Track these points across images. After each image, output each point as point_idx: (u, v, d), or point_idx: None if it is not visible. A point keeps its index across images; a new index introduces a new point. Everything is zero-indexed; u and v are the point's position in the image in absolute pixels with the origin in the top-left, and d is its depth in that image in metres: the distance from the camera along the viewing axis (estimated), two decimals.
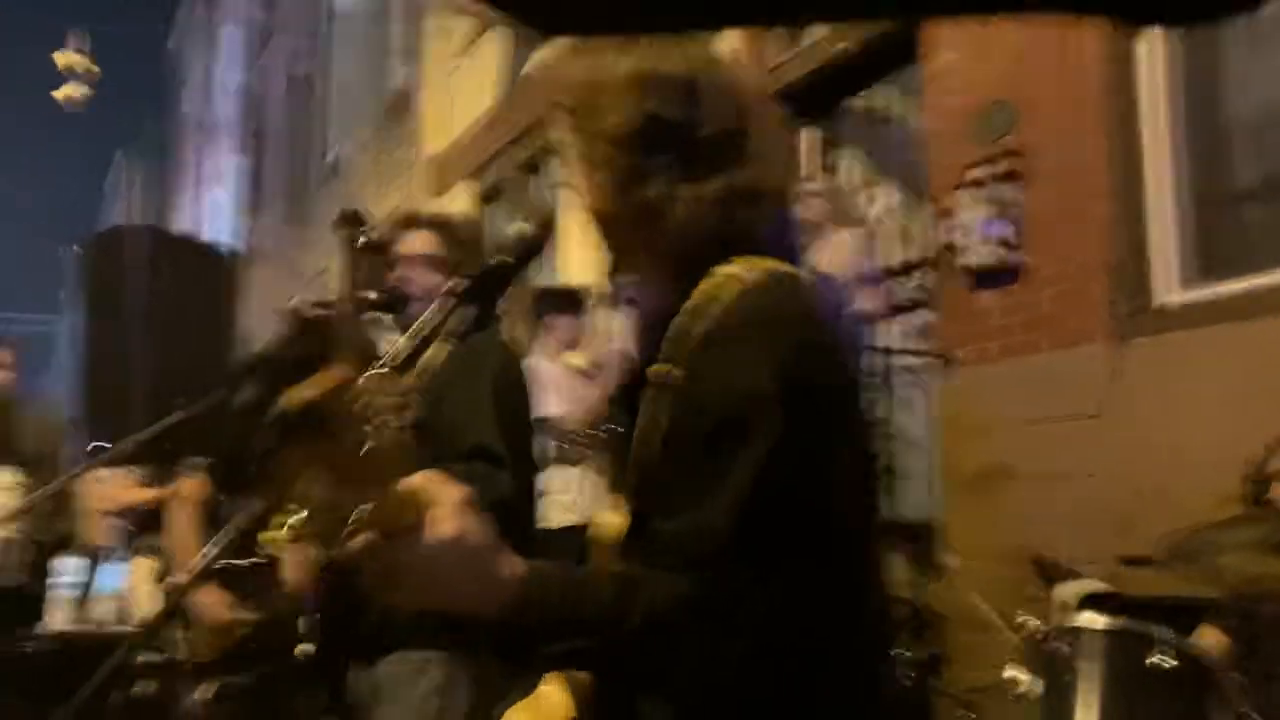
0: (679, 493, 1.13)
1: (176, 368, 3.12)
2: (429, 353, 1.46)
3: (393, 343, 1.35)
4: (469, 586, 1.02)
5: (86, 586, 9.33)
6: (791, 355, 1.15)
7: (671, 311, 1.24)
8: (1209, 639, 2.78)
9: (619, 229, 1.32)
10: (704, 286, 1.23)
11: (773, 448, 1.10)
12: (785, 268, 1.26)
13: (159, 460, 2.85)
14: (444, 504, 1.01)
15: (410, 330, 1.37)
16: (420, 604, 1.02)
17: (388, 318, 2.38)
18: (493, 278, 1.36)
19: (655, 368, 1.23)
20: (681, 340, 1.20)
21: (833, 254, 4.96)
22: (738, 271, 1.23)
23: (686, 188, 1.26)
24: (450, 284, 1.38)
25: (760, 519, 1.09)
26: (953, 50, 4.83)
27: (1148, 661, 2.18)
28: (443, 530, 0.99)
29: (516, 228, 1.40)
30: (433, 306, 1.39)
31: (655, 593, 1.08)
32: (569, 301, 5.18)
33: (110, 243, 3.54)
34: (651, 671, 1.09)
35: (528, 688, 1.30)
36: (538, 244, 1.41)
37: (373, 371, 1.12)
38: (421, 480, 1.00)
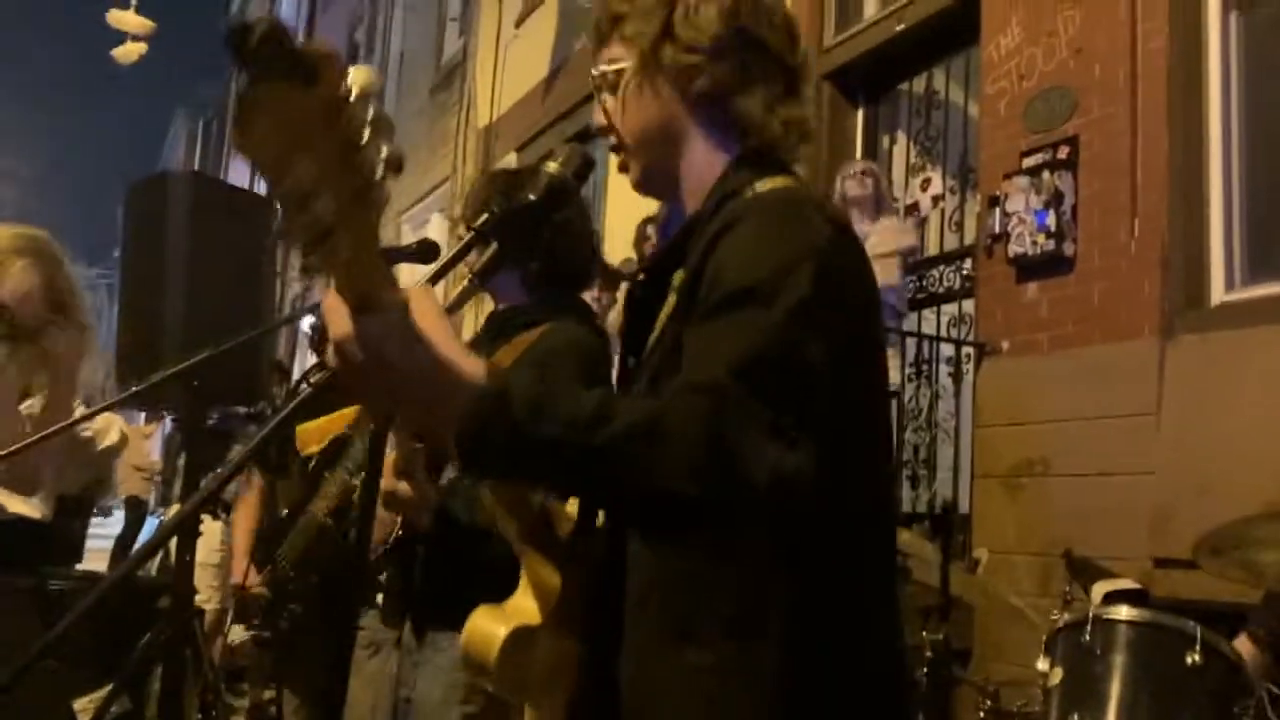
0: (691, 355, 1.06)
1: (212, 314, 3.10)
2: (453, 292, 1.44)
3: None
4: (433, 373, 0.91)
5: (127, 537, 9.49)
6: (824, 243, 1.11)
7: (692, 228, 1.22)
8: (1243, 649, 2.71)
9: (660, 138, 1.31)
10: (736, 200, 1.21)
11: (801, 312, 1.04)
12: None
13: (189, 400, 2.85)
14: (416, 296, 0.92)
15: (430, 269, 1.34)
16: (378, 390, 0.92)
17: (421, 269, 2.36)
18: (515, 216, 1.32)
19: (678, 275, 1.20)
20: (706, 240, 1.16)
21: (878, 238, 4.90)
22: (772, 183, 1.22)
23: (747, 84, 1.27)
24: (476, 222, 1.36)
25: (782, 370, 1.01)
26: (1012, 34, 4.73)
27: (1176, 658, 2.13)
28: (413, 313, 0.90)
29: (546, 168, 1.37)
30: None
31: (643, 407, 0.97)
32: (605, 278, 5.12)
33: (155, 188, 3.53)
34: (620, 489, 0.96)
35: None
36: (566, 186, 1.37)
37: None
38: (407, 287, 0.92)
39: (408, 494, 1.52)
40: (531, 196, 1.33)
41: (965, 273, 5.22)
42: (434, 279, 1.31)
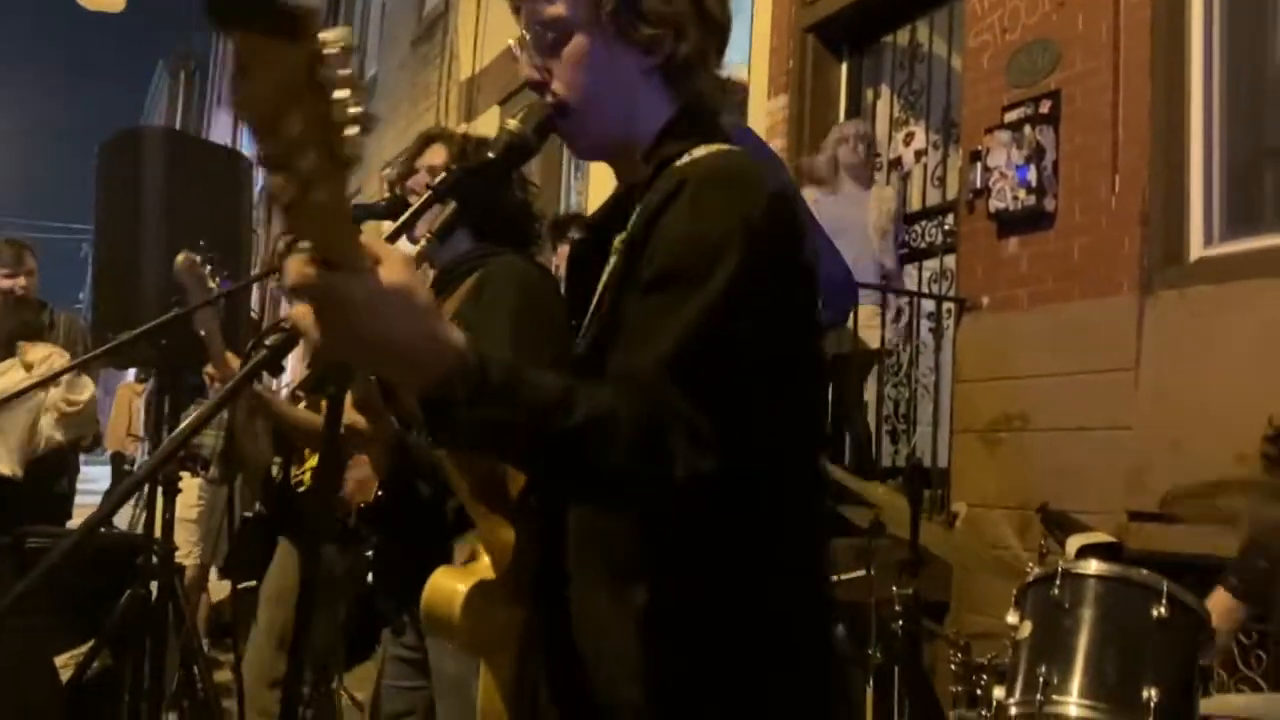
0: (630, 331, 1.12)
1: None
2: (411, 250, 1.43)
3: None
4: (413, 341, 0.94)
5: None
6: (758, 214, 1.14)
7: (631, 192, 1.22)
8: (1218, 601, 2.74)
9: (613, 105, 1.29)
10: (674, 166, 1.22)
11: (728, 292, 1.09)
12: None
13: (163, 360, 2.84)
14: (392, 259, 0.93)
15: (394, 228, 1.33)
16: (356, 350, 0.93)
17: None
18: (473, 175, 1.31)
19: (620, 238, 1.20)
20: (648, 211, 1.17)
21: (874, 208, 4.90)
22: (709, 149, 1.23)
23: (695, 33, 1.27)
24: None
25: (707, 358, 1.08)
26: None
27: (1143, 611, 2.15)
28: (392, 277, 0.91)
29: (506, 125, 1.35)
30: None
31: (603, 399, 1.03)
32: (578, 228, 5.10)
33: (127, 144, 3.48)
34: (579, 477, 1.06)
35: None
36: (527, 145, 1.35)
37: None
38: (370, 238, 0.93)
39: (364, 426, 1.54)
40: (490, 155, 1.31)
41: (947, 228, 5.22)
42: (392, 237, 1.30)
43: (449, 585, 1.25)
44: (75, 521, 5.27)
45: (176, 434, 1.12)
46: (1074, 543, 3.20)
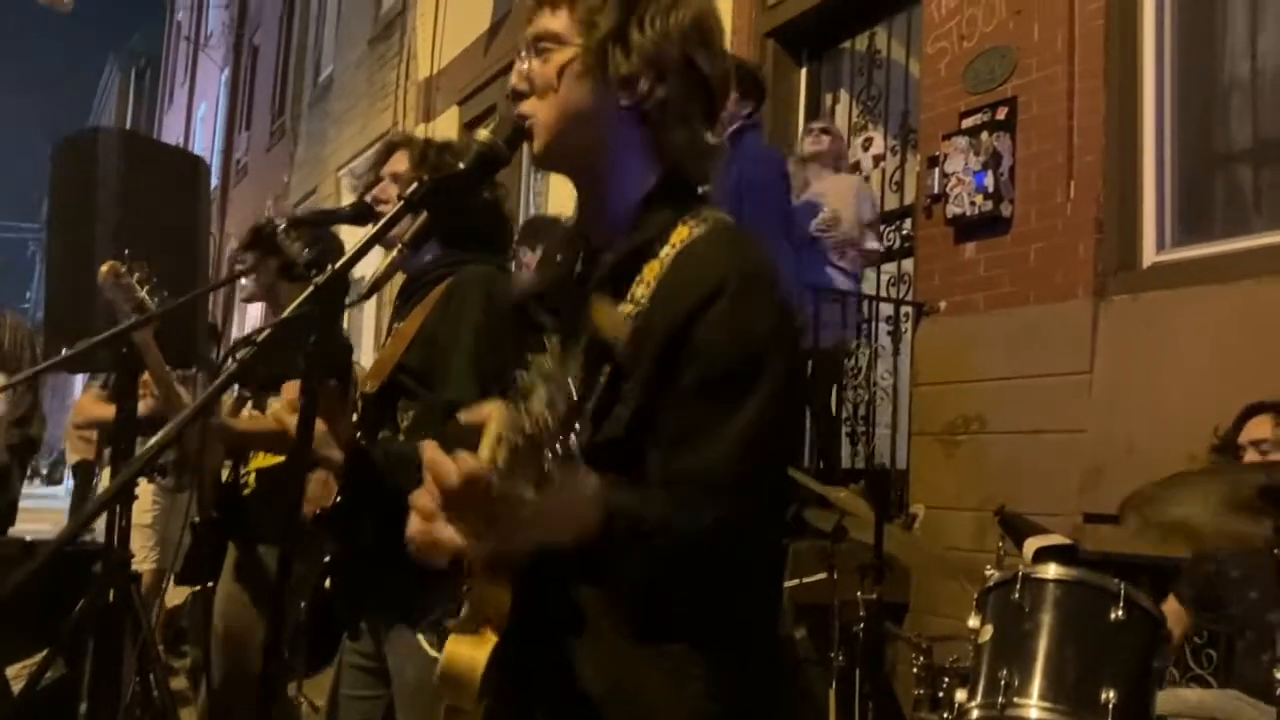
0: (682, 430, 1.19)
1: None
2: (380, 262, 1.42)
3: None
4: (570, 518, 1.08)
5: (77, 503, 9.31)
6: (787, 312, 1.27)
7: (627, 250, 1.25)
8: (1169, 608, 2.80)
9: (580, 129, 1.30)
10: (683, 234, 1.25)
11: (774, 394, 1.19)
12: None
13: (121, 367, 2.79)
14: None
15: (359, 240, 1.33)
16: (532, 541, 1.08)
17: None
18: (444, 186, 1.31)
19: (627, 306, 1.22)
20: (680, 287, 1.21)
21: (836, 196, 4.93)
22: (717, 219, 1.28)
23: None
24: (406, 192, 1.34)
25: (760, 459, 1.20)
26: None
27: (1100, 614, 2.19)
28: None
29: (477, 135, 1.35)
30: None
31: (687, 523, 1.15)
32: (547, 234, 5.08)
33: (82, 145, 3.42)
34: (661, 572, 1.16)
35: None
36: (499, 155, 1.35)
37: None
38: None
39: (322, 431, 1.59)
40: (461, 166, 1.31)
41: (905, 232, 5.27)
42: (365, 247, 1.29)
43: (468, 654, 1.21)
44: (17, 529, 5.16)
45: (149, 446, 1.11)
46: (1030, 545, 3.24)
